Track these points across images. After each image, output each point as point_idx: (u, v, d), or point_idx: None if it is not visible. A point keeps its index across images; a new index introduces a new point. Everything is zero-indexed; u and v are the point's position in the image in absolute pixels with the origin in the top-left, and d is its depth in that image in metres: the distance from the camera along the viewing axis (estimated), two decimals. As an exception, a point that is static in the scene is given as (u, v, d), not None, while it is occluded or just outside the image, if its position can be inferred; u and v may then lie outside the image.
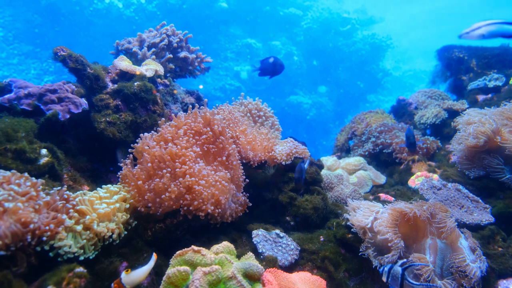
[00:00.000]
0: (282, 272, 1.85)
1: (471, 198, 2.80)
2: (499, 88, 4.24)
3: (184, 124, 2.44)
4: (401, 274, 1.71)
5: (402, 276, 1.70)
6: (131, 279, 1.66)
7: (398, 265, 1.77)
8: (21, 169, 2.02)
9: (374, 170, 3.75)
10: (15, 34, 13.58)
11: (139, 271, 1.68)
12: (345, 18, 17.48)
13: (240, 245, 2.24)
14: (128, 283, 1.65)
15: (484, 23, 1.99)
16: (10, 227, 1.52)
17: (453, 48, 5.01)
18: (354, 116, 4.92)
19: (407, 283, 1.70)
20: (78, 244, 1.76)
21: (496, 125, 2.77)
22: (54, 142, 2.43)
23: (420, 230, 2.14)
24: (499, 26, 1.97)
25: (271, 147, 2.76)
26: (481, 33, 2.00)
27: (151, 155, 2.20)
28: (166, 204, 2.09)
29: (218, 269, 1.59)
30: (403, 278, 1.70)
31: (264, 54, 16.16)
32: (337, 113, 17.13)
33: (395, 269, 1.75)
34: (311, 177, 2.82)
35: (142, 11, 14.83)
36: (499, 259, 2.27)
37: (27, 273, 1.63)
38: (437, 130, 4.25)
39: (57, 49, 2.66)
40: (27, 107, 2.47)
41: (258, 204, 2.76)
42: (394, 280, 1.73)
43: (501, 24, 1.97)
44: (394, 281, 1.73)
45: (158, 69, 3.15)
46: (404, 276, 1.71)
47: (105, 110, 2.69)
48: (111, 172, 2.84)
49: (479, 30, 2.00)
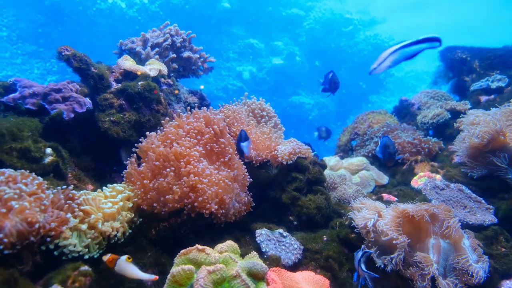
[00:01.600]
0: (286, 271, 1.86)
1: (474, 198, 2.80)
2: (502, 89, 4.23)
3: (187, 123, 2.45)
4: (358, 260, 1.94)
5: (358, 262, 1.92)
6: (123, 267, 1.67)
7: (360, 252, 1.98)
8: (26, 168, 2.03)
9: (377, 170, 3.75)
10: (19, 34, 13.63)
11: (135, 270, 1.67)
12: (348, 19, 17.49)
13: (243, 244, 2.24)
14: (119, 268, 1.66)
15: (388, 53, 1.99)
16: (16, 226, 1.53)
17: (456, 49, 5.00)
18: (357, 116, 4.92)
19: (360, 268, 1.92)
20: (83, 243, 1.78)
21: (499, 125, 2.77)
22: (59, 141, 2.44)
23: (423, 230, 2.14)
24: (401, 52, 1.98)
25: (274, 147, 2.77)
26: (387, 65, 2.01)
27: (156, 154, 2.20)
28: (171, 205, 2.10)
29: (222, 268, 1.60)
30: (359, 263, 1.92)
31: (267, 54, 16.19)
32: (339, 114, 17.12)
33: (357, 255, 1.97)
34: (314, 177, 2.82)
35: (145, 11, 14.87)
36: (502, 259, 2.27)
37: (33, 271, 1.65)
38: (439, 131, 4.24)
39: (61, 49, 2.67)
40: (32, 106, 2.48)
41: (261, 204, 2.76)
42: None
43: (402, 49, 1.97)
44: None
45: (162, 69, 3.16)
46: (360, 261, 1.92)
47: (109, 110, 2.70)
48: (115, 171, 2.86)
49: (385, 63, 2.01)
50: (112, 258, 1.69)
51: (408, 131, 4.10)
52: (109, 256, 1.70)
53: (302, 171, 2.79)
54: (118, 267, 1.67)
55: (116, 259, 1.68)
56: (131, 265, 1.68)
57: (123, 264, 1.67)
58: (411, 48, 1.93)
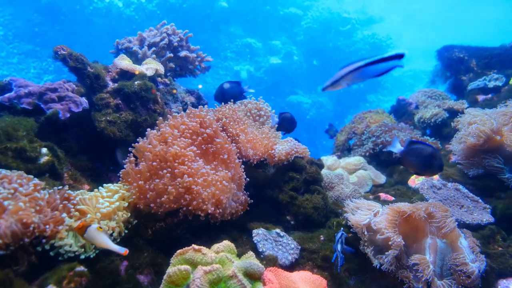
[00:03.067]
0: (283, 271, 1.86)
1: (471, 197, 2.81)
2: (499, 88, 4.24)
3: (182, 123, 2.44)
4: (336, 241, 1.99)
5: (336, 242, 1.98)
6: (93, 236, 1.64)
7: (339, 233, 2.03)
8: (22, 168, 2.02)
9: (374, 170, 3.75)
10: (15, 33, 13.57)
11: (105, 239, 1.65)
12: (345, 18, 17.49)
13: (240, 244, 2.24)
14: (88, 236, 1.64)
15: (345, 71, 1.79)
16: (10, 227, 1.52)
17: (453, 48, 5.01)
18: (354, 115, 4.92)
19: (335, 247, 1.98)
20: (79, 243, 1.77)
21: (496, 125, 2.77)
22: (55, 141, 2.43)
23: (420, 230, 2.14)
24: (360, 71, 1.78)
25: (271, 146, 2.76)
26: (344, 84, 1.83)
27: (153, 154, 2.20)
28: (167, 206, 2.09)
29: (219, 268, 1.59)
30: (336, 244, 1.98)
31: (264, 54, 16.17)
32: (337, 113, 17.12)
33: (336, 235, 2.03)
34: (312, 176, 2.82)
35: (142, 10, 14.83)
36: (499, 258, 2.27)
37: (28, 272, 1.64)
38: (437, 130, 4.25)
39: (58, 48, 2.66)
40: (28, 106, 2.47)
41: (258, 203, 2.76)
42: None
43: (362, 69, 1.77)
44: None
45: (159, 68, 3.15)
46: (337, 242, 1.97)
47: (105, 109, 2.69)
48: (111, 171, 2.85)
49: (342, 81, 1.81)
50: (82, 225, 1.66)
51: (405, 131, 4.11)
52: (80, 223, 1.68)
53: (299, 171, 2.79)
54: (88, 234, 1.64)
55: (87, 226, 1.65)
56: (102, 234, 1.65)
57: (93, 232, 1.64)
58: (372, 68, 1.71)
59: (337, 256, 1.94)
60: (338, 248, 1.95)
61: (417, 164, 2.32)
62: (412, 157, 2.32)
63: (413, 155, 2.32)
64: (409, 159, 2.34)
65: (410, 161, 2.34)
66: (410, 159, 2.33)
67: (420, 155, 2.30)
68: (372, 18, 19.55)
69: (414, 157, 2.31)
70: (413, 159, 2.32)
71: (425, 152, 2.29)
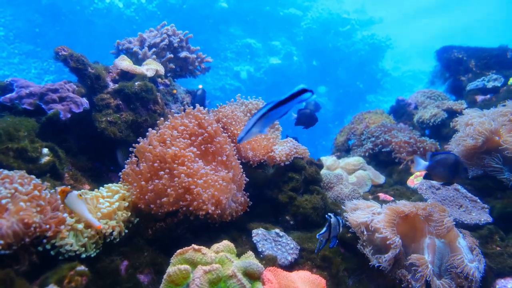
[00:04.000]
0: (282, 271, 1.87)
1: (469, 197, 2.82)
2: (498, 88, 4.25)
3: (181, 124, 2.45)
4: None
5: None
6: (72, 202, 1.73)
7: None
8: (23, 168, 2.03)
9: (373, 170, 3.76)
10: (16, 33, 13.58)
11: (83, 208, 1.74)
12: (345, 19, 17.51)
13: (240, 244, 2.25)
14: (68, 202, 1.73)
15: (255, 119, 1.75)
16: (12, 227, 1.53)
17: (452, 48, 5.03)
18: (354, 116, 4.94)
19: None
20: (80, 243, 1.78)
21: (494, 126, 2.78)
22: (55, 141, 2.44)
23: (419, 230, 2.15)
24: (267, 117, 1.75)
25: (271, 147, 2.77)
26: (257, 131, 1.82)
27: (153, 155, 2.21)
28: (166, 207, 2.10)
29: (218, 267, 1.61)
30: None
31: (264, 54, 16.18)
32: (336, 113, 17.15)
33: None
34: (311, 176, 2.83)
35: (143, 11, 14.85)
36: (497, 258, 2.29)
37: (29, 271, 1.65)
38: (436, 131, 4.26)
39: (59, 49, 2.67)
40: (29, 106, 2.48)
41: (258, 204, 2.77)
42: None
43: (270, 112, 1.73)
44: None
45: (159, 69, 3.16)
46: (332, 223, 2.01)
47: (106, 110, 2.70)
48: (111, 171, 2.86)
49: (254, 129, 1.79)
50: (64, 190, 1.73)
51: (404, 131, 4.12)
52: (62, 188, 1.74)
53: (298, 171, 2.80)
54: (68, 199, 1.72)
55: (68, 191, 1.73)
56: (81, 202, 1.74)
57: (73, 198, 1.72)
58: (280, 108, 1.68)
59: (321, 242, 2.03)
60: (320, 232, 2.01)
61: (446, 174, 2.39)
62: (440, 168, 2.39)
63: (440, 167, 2.38)
64: (437, 172, 2.40)
65: (439, 173, 2.41)
66: (438, 171, 2.40)
67: (446, 164, 2.37)
68: (372, 19, 19.57)
69: (442, 168, 2.38)
70: (441, 170, 2.38)
71: (450, 161, 2.37)
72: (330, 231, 1.99)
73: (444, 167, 2.37)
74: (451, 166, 2.36)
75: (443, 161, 2.37)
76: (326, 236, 2.00)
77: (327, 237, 2.00)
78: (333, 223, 1.99)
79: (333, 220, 2.00)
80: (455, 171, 2.37)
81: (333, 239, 2.02)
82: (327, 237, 2.00)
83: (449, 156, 2.40)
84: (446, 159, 2.37)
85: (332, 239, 2.02)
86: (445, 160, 2.37)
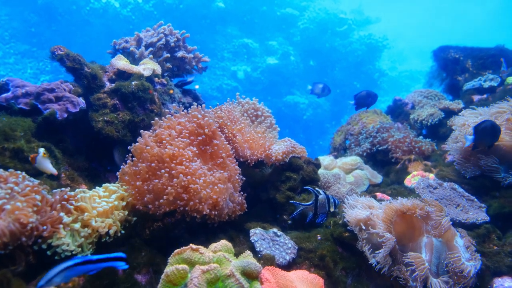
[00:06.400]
0: (280, 270, 1.86)
1: (466, 197, 2.82)
2: (494, 88, 4.27)
3: (178, 124, 2.44)
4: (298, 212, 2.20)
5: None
6: (40, 161, 2.06)
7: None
8: (19, 168, 2.03)
9: (371, 170, 3.77)
10: (12, 33, 13.52)
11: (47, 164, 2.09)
12: (342, 19, 17.52)
13: (238, 243, 2.24)
14: (38, 162, 2.06)
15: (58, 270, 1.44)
16: (8, 226, 1.52)
17: (449, 48, 5.04)
18: (351, 116, 4.94)
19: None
20: (76, 242, 1.77)
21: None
22: (52, 141, 2.43)
23: (416, 229, 2.16)
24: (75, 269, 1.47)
25: (268, 146, 2.77)
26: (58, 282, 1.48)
27: (150, 155, 2.20)
28: (164, 207, 2.10)
29: (216, 267, 1.60)
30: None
31: (261, 54, 16.18)
32: (333, 113, 17.15)
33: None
34: (308, 176, 2.83)
35: (139, 10, 14.81)
36: (494, 257, 2.29)
37: (26, 271, 1.64)
38: (433, 130, 4.27)
39: (55, 48, 2.66)
40: (25, 106, 2.47)
41: (255, 203, 2.77)
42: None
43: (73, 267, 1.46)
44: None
45: (156, 69, 3.15)
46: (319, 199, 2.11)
47: (102, 109, 2.69)
48: (108, 171, 2.85)
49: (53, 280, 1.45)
50: (33, 156, 2.06)
51: (401, 131, 4.13)
52: (32, 155, 2.07)
53: (296, 171, 2.80)
54: (37, 162, 2.06)
55: (35, 156, 2.05)
56: (46, 159, 2.08)
57: (40, 158, 2.06)
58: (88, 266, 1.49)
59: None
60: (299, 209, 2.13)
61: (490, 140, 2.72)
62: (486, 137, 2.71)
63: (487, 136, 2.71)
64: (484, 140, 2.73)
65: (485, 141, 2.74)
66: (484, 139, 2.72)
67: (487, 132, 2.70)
68: (369, 19, 19.61)
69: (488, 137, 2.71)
70: (486, 138, 2.72)
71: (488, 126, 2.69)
72: (316, 206, 1.98)
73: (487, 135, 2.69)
74: (491, 130, 2.68)
75: (485, 131, 2.68)
76: (312, 210, 1.99)
77: (314, 211, 2.00)
78: (321, 199, 1.98)
79: (321, 197, 1.98)
80: (494, 134, 2.69)
81: (322, 215, 2.01)
82: (313, 210, 1.99)
83: (486, 121, 2.70)
84: (485, 127, 2.67)
85: (320, 215, 2.00)
86: (484, 129, 2.68)
